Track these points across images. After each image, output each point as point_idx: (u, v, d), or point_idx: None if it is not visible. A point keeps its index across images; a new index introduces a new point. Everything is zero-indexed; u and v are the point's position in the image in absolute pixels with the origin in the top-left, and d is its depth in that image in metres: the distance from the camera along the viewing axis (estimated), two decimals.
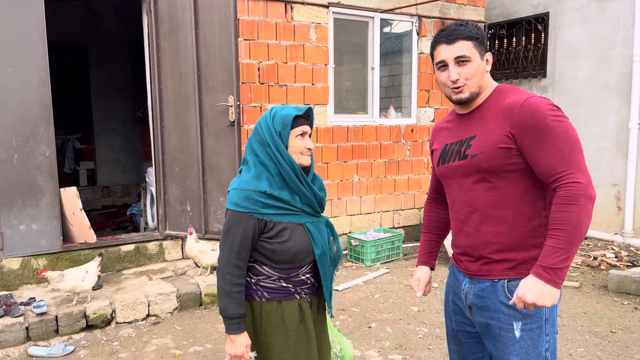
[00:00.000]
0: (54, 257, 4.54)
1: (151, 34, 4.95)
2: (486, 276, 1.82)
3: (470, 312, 1.90)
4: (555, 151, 1.65)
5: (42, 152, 4.44)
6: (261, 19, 5.06)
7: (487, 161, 1.75)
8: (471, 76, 1.78)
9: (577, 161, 1.65)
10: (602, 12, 6.26)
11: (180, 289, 4.35)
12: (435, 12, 6.21)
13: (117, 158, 8.46)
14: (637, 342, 3.70)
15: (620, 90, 6.12)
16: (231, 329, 1.91)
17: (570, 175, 1.63)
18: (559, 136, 1.65)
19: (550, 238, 1.64)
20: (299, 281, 1.99)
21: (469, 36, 1.77)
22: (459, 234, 1.92)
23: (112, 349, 3.68)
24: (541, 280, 1.62)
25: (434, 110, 6.35)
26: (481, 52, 1.79)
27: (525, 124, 1.68)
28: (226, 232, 1.92)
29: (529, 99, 1.70)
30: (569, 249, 1.61)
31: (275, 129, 1.92)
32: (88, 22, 7.80)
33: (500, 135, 1.72)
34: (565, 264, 1.62)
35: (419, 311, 4.31)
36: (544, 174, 1.68)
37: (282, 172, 1.91)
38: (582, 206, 1.60)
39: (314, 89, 5.46)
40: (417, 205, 6.35)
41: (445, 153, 1.92)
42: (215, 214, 4.99)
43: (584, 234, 1.63)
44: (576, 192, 1.61)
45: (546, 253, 1.63)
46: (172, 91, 4.98)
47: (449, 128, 1.95)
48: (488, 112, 1.79)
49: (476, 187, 1.80)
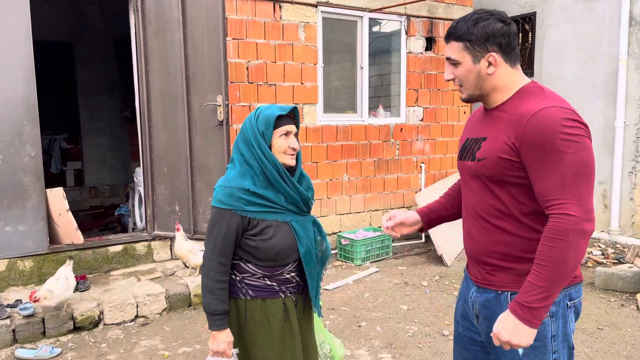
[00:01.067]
0: (41, 258, 4.48)
1: (138, 32, 4.91)
2: (491, 286, 1.73)
3: (477, 321, 1.82)
4: (555, 176, 1.49)
5: (28, 152, 4.38)
6: (250, 18, 5.04)
7: (489, 169, 1.63)
8: (463, 79, 1.68)
9: (578, 191, 1.48)
10: (589, 12, 6.32)
11: (169, 290, 4.32)
12: (424, 12, 6.23)
13: (104, 158, 8.38)
14: (623, 339, 3.74)
15: (606, 89, 6.18)
16: (214, 325, 1.94)
17: (564, 205, 1.48)
18: (564, 159, 1.48)
19: (531, 273, 1.52)
20: (284, 279, 2.00)
21: (459, 37, 1.64)
22: (465, 236, 1.83)
23: (100, 350, 3.65)
24: (516, 317, 1.52)
25: (423, 109, 6.37)
26: (475, 54, 1.63)
27: (530, 139, 1.52)
28: (210, 228, 1.94)
29: (543, 109, 1.52)
30: (550, 288, 1.48)
31: (258, 128, 1.93)
32: (74, 21, 7.71)
33: (504, 145, 1.59)
34: (544, 303, 1.50)
35: (408, 310, 4.32)
36: (539, 197, 1.55)
37: (265, 171, 1.92)
38: (569, 242, 1.46)
39: (303, 89, 5.46)
40: (407, 204, 6.37)
41: (464, 148, 1.80)
42: (204, 214, 4.97)
43: (570, 272, 1.49)
44: (565, 225, 1.46)
45: (525, 289, 1.52)
46: (160, 90, 4.95)
47: (475, 121, 1.82)
48: (505, 113, 1.64)
49: (481, 193, 1.70)
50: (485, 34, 1.61)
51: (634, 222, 6.04)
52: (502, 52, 1.63)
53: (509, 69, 1.66)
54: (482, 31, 1.61)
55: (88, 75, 7.96)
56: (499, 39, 1.62)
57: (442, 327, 3.96)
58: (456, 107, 6.65)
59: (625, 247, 5.92)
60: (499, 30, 1.61)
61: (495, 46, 1.62)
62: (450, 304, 4.42)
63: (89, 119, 8.14)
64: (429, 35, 6.32)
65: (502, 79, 1.66)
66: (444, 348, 3.62)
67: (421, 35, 6.25)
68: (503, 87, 1.66)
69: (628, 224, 6.09)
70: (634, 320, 4.05)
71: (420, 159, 6.42)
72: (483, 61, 1.63)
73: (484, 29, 1.61)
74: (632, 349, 3.59)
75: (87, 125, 8.16)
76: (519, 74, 1.68)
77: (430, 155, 6.50)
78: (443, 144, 6.60)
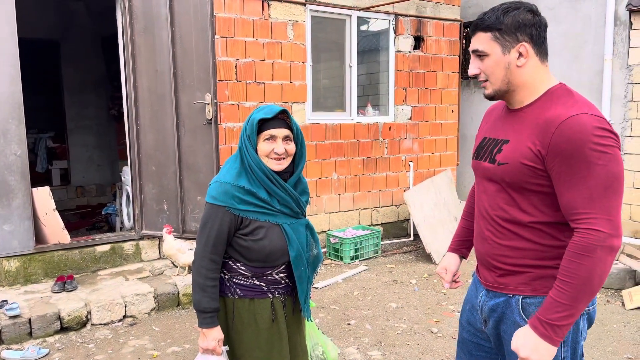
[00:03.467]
0: (27, 258, 4.43)
1: (125, 30, 4.86)
2: (501, 289, 1.67)
3: (485, 326, 1.76)
4: (583, 188, 1.42)
5: (13, 151, 4.33)
6: (238, 16, 5.02)
7: (510, 175, 1.56)
8: (490, 72, 1.58)
9: (607, 205, 1.42)
10: (574, 12, 6.39)
11: (157, 289, 4.29)
12: (412, 11, 6.25)
13: (91, 157, 8.30)
14: (609, 334, 3.79)
15: (592, 88, 6.26)
16: (204, 322, 1.93)
17: (592, 220, 1.41)
18: (594, 172, 1.41)
19: (554, 289, 1.46)
20: (273, 280, 1.99)
21: (487, 26, 1.55)
22: (477, 238, 1.77)
23: (88, 351, 3.62)
24: (536, 333, 1.47)
25: (411, 108, 6.40)
26: (505, 44, 1.54)
27: (558, 148, 1.44)
28: (203, 225, 1.93)
29: (574, 117, 1.44)
30: (573, 306, 1.43)
31: (246, 132, 1.94)
32: (60, 18, 7.62)
33: (529, 151, 1.50)
34: (567, 322, 1.44)
35: (397, 308, 4.34)
36: (565, 210, 1.48)
37: (254, 173, 1.93)
38: (596, 259, 1.40)
39: (292, 87, 5.45)
40: (395, 203, 6.40)
41: (481, 148, 1.72)
42: (192, 212, 4.94)
43: (595, 289, 1.43)
44: (593, 242, 1.40)
45: (547, 305, 1.46)
46: (147, 89, 4.91)
47: (494, 119, 1.75)
48: (530, 116, 1.55)
49: (498, 197, 1.63)
50: (516, 22, 1.53)
51: None
52: (533, 43, 1.55)
53: (539, 63, 1.58)
54: (512, 20, 1.53)
55: (74, 73, 7.88)
56: (530, 29, 1.54)
57: (431, 325, 3.99)
58: (444, 105, 6.69)
59: None
60: (530, 20, 1.54)
61: (527, 36, 1.54)
62: (439, 301, 4.45)
63: (75, 117, 8.06)
64: (417, 34, 6.34)
65: (531, 75, 1.57)
66: (433, 345, 3.65)
67: (409, 34, 6.28)
68: (531, 84, 1.58)
69: None
70: (620, 316, 4.11)
71: (408, 158, 6.45)
72: (513, 52, 1.55)
73: (515, 18, 1.53)
74: (617, 344, 3.64)
75: (73, 124, 8.07)
76: (548, 71, 1.60)
77: (419, 153, 6.53)
78: (431, 143, 6.63)
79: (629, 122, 5.95)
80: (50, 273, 4.54)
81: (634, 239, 5.85)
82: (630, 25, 5.86)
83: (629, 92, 5.93)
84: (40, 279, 4.50)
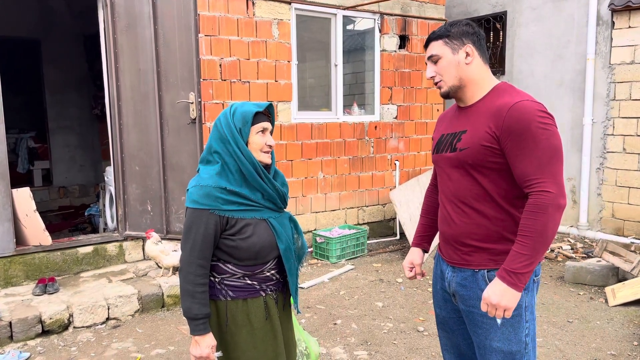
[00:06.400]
0: (7, 260, 4.35)
1: (107, 28, 4.80)
2: (467, 265, 1.90)
3: (455, 300, 1.97)
4: (532, 158, 1.70)
5: None
6: (222, 15, 4.97)
7: (471, 157, 1.82)
8: (444, 71, 1.88)
9: (553, 171, 1.70)
10: (558, 12, 6.45)
11: (141, 291, 4.24)
12: (397, 10, 6.25)
13: (73, 157, 8.18)
14: (592, 331, 3.83)
15: (575, 87, 6.32)
16: (196, 330, 1.87)
17: (542, 183, 1.69)
18: (540, 144, 1.69)
19: (516, 243, 1.71)
20: (264, 277, 1.97)
21: (438, 35, 1.89)
22: (443, 222, 1.98)
23: (70, 354, 3.55)
24: (504, 282, 1.71)
25: (397, 107, 6.40)
26: (454, 47, 1.86)
27: (509, 128, 1.72)
28: (187, 231, 1.88)
29: (520, 102, 1.74)
30: (533, 255, 1.68)
31: (235, 125, 1.90)
32: (41, 17, 7.49)
33: (486, 134, 1.78)
34: (528, 269, 1.69)
35: (383, 307, 4.34)
36: (519, 178, 1.75)
37: (242, 168, 1.90)
38: (549, 215, 1.66)
39: (277, 86, 5.42)
40: (381, 202, 6.40)
41: (441, 143, 1.98)
42: (177, 213, 4.89)
43: (549, 241, 1.70)
44: (545, 201, 1.67)
45: (511, 258, 1.72)
46: (130, 88, 4.85)
47: (449, 119, 2.02)
48: (482, 108, 1.85)
49: (462, 180, 1.87)
50: (461, 30, 1.88)
51: (601, 217, 6.20)
52: (476, 46, 1.88)
53: (483, 64, 1.89)
54: (457, 29, 1.88)
55: (56, 72, 7.76)
56: (472, 36, 1.88)
57: (417, 324, 3.99)
58: (429, 104, 6.71)
59: (594, 241, 6.07)
60: (472, 30, 1.90)
61: (470, 41, 1.88)
62: (425, 300, 4.46)
63: (56, 117, 7.94)
64: (402, 34, 6.35)
65: (478, 72, 1.88)
66: (419, 344, 3.65)
67: (395, 33, 6.28)
68: (479, 80, 1.87)
69: (596, 219, 6.25)
70: (603, 313, 4.15)
71: (394, 157, 6.45)
72: (461, 52, 1.86)
73: (459, 28, 1.89)
74: (601, 341, 3.67)
75: (55, 124, 7.95)
76: (490, 72, 1.92)
77: (405, 152, 6.54)
78: (417, 142, 6.65)
79: (611, 120, 6.02)
80: (32, 275, 4.46)
81: (617, 236, 5.93)
82: (612, 25, 5.93)
83: (612, 91, 6.00)
84: (21, 281, 4.42)
